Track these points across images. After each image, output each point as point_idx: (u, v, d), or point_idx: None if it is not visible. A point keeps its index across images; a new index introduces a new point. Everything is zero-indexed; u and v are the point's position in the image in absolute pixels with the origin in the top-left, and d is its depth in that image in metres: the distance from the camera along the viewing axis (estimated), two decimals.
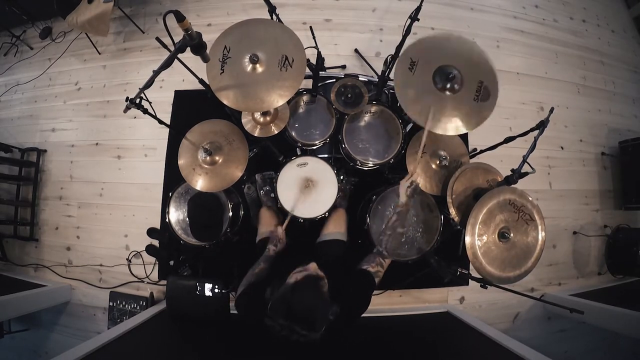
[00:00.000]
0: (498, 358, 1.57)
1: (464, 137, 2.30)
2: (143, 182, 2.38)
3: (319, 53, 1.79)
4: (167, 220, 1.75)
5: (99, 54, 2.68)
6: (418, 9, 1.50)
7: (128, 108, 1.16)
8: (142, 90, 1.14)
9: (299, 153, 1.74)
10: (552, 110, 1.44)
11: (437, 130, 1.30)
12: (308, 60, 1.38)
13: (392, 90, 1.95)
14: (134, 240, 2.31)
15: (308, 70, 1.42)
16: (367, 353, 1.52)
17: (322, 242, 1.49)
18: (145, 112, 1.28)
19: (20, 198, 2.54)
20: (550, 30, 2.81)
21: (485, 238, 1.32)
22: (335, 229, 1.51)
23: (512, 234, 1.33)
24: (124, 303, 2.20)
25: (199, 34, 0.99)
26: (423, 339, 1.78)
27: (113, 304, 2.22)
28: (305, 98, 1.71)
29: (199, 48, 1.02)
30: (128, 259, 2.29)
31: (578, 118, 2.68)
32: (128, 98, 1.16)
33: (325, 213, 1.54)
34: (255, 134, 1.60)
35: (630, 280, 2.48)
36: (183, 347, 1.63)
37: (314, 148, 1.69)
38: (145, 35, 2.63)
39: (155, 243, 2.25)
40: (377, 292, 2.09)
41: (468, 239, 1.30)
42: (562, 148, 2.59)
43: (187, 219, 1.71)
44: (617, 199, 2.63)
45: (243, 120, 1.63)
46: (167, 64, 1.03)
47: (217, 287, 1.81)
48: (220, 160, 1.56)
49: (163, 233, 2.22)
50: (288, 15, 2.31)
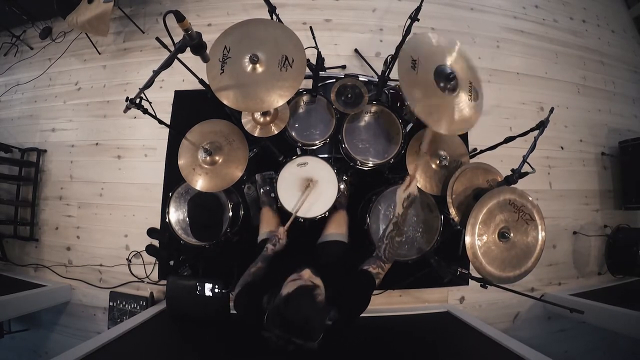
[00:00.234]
0: (498, 358, 1.57)
1: (464, 137, 2.30)
2: (143, 182, 2.38)
3: (319, 53, 1.79)
4: (167, 220, 1.75)
5: (99, 54, 2.68)
6: (418, 9, 1.50)
7: (128, 108, 1.16)
8: (142, 90, 1.14)
9: (299, 153, 1.74)
10: (552, 110, 1.44)
11: (441, 131, 1.29)
12: (308, 61, 1.37)
13: (392, 91, 1.95)
14: (134, 240, 2.31)
15: (308, 71, 1.42)
16: (367, 353, 1.52)
17: (323, 242, 1.49)
18: (145, 112, 1.28)
19: (20, 198, 2.54)
20: (550, 31, 2.80)
21: (485, 238, 1.32)
22: (337, 230, 1.51)
23: (512, 234, 1.33)
24: (124, 303, 2.20)
25: (199, 34, 0.99)
26: (423, 339, 1.78)
27: (113, 304, 2.22)
28: (305, 98, 1.71)
29: (199, 48, 1.02)
30: (128, 259, 2.29)
31: (578, 118, 2.68)
32: (128, 98, 1.16)
33: (326, 213, 1.54)
34: (255, 134, 1.60)
35: (630, 280, 2.48)
36: (183, 347, 1.63)
37: (314, 148, 1.69)
38: (145, 35, 2.63)
39: (155, 243, 2.25)
40: (377, 292, 2.09)
41: (468, 239, 1.30)
42: (562, 148, 2.59)
43: (187, 219, 1.72)
44: (617, 199, 2.63)
45: (243, 120, 1.63)
46: (167, 64, 1.03)
47: (217, 287, 1.81)
48: (220, 160, 1.56)
49: (163, 233, 2.22)
50: (288, 15, 2.30)
